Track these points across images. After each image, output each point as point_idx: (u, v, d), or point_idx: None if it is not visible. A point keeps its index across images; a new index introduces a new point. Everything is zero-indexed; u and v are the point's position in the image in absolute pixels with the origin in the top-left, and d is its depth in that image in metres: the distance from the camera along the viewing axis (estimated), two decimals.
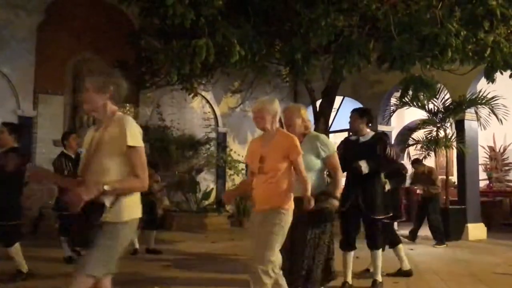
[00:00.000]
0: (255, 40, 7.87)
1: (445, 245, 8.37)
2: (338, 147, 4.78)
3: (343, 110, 12.41)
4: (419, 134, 9.96)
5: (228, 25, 7.40)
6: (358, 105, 11.62)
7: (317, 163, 3.85)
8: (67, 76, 10.26)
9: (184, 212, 10.62)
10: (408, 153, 10.86)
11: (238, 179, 11.54)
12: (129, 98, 10.91)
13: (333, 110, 11.50)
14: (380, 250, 4.93)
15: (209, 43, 7.00)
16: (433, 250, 8.03)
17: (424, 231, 9.56)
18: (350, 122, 4.98)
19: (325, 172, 3.94)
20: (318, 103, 11.31)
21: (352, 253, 4.89)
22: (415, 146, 9.95)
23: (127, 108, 11.00)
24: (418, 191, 9.41)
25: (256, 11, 8.07)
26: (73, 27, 10.01)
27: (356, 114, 4.95)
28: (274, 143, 3.44)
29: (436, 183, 8.94)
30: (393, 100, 10.53)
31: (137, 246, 6.81)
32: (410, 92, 8.19)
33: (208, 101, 12.31)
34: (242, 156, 9.97)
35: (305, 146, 3.70)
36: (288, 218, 3.34)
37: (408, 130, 10.75)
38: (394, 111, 10.49)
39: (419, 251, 7.78)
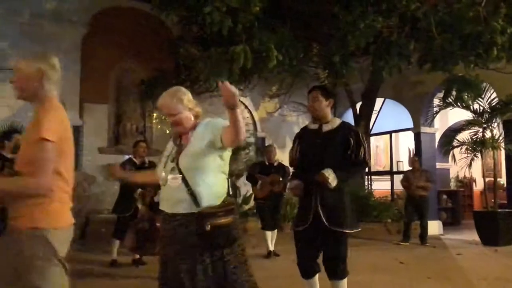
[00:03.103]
0: (292, 45, 7.89)
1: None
2: (293, 141, 3.81)
3: (384, 112, 12.20)
4: (464, 136, 9.63)
5: (265, 31, 7.46)
6: (399, 107, 11.42)
7: (213, 160, 2.57)
8: (110, 85, 10.60)
9: None
10: (453, 156, 10.55)
11: None
12: None
13: (373, 112, 11.35)
14: (346, 279, 3.59)
15: (246, 49, 7.08)
16: (482, 255, 7.74)
17: (472, 235, 9.22)
18: (310, 103, 3.68)
19: (226, 177, 2.70)
20: (358, 105, 11.18)
21: (317, 276, 3.66)
22: (460, 148, 9.63)
23: None
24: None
25: (292, 16, 8.09)
26: (115, 38, 10.33)
27: (319, 92, 3.64)
28: (30, 124, 2.20)
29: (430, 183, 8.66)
30: (436, 101, 10.24)
31: None
32: (454, 93, 7.97)
33: (246, 107, 12.39)
34: (282, 161, 9.95)
35: (193, 141, 2.61)
36: (51, 248, 1.98)
37: (452, 132, 10.43)
38: (437, 112, 10.20)
39: (468, 256, 7.52)
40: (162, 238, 2.65)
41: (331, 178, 3.37)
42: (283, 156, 11.76)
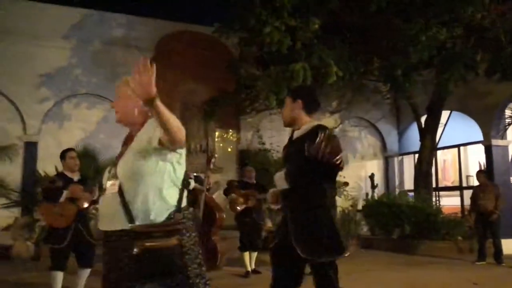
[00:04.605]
0: (352, 59, 7.83)
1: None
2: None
3: (451, 125, 11.72)
4: None
5: (325, 47, 7.47)
6: (467, 119, 10.94)
7: (155, 165, 2.06)
8: (175, 106, 11.01)
9: None
10: None
11: (340, 201, 11.33)
12: (231, 123, 11.40)
13: (440, 125, 10.95)
14: None
15: (305, 66, 7.13)
16: None
17: None
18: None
19: (176, 188, 2.13)
20: (423, 119, 10.83)
21: None
22: None
23: (230, 133, 11.47)
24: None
25: (351, 31, 8.05)
26: (179, 61, 10.75)
27: (288, 95, 3.19)
28: None
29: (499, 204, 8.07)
30: (508, 112, 9.72)
31: (249, 268, 6.93)
32: None
33: None
34: (344, 177, 9.80)
35: (135, 141, 2.14)
36: None
37: None
38: (509, 124, 9.66)
39: None
40: (103, 263, 2.16)
41: (278, 178, 2.87)
42: (345, 173, 11.59)
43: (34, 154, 9.68)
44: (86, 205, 4.77)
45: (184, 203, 2.15)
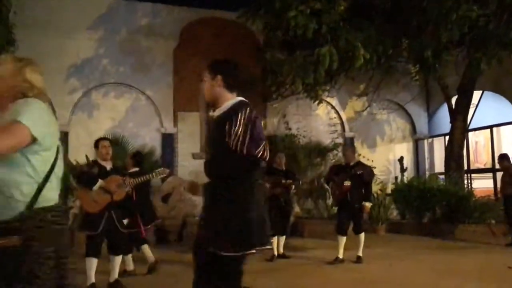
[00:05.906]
0: (380, 41, 7.66)
1: None
2: None
3: (483, 105, 11.39)
4: None
5: (351, 30, 7.33)
6: (500, 99, 10.59)
7: (11, 159, 1.88)
8: (201, 93, 11.04)
9: (315, 219, 10.66)
10: None
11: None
12: (257, 109, 11.37)
13: (471, 106, 10.66)
14: None
15: (332, 50, 7.02)
16: None
17: None
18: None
19: (35, 181, 1.91)
20: (453, 100, 10.56)
21: None
22: None
23: None
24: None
25: (379, 12, 7.86)
26: (204, 48, 10.75)
27: (206, 70, 2.81)
28: None
29: None
30: None
31: (275, 252, 6.97)
32: None
33: (333, 107, 12.25)
34: (372, 161, 9.68)
35: None
36: None
37: None
38: None
39: None
40: None
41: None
42: (373, 156, 11.48)
43: (65, 144, 9.92)
44: (120, 197, 4.92)
45: (47, 198, 1.94)
